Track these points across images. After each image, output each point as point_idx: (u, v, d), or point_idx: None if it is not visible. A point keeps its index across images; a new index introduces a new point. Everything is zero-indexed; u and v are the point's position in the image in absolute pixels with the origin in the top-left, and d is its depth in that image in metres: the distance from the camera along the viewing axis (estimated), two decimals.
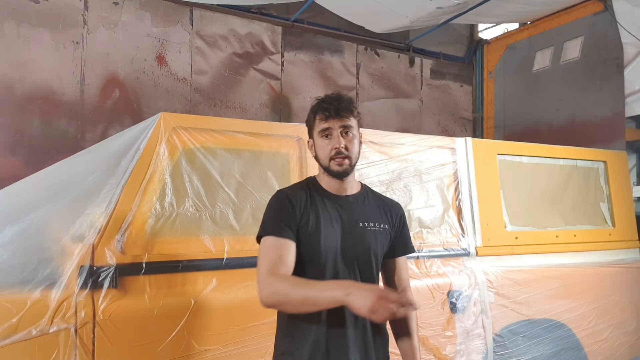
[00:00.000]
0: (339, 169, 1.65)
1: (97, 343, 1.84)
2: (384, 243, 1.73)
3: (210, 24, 4.99)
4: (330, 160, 1.66)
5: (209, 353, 2.02)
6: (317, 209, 1.67)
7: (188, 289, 2.06)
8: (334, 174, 1.68)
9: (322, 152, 1.68)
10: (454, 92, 6.58)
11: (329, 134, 1.67)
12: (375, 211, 1.75)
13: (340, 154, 1.64)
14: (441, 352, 2.59)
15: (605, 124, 4.94)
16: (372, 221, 1.71)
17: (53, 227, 1.97)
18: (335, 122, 1.65)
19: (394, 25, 5.26)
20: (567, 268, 3.11)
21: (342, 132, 1.66)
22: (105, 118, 4.43)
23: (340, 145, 1.64)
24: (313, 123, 1.71)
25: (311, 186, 1.74)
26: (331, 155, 1.65)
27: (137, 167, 2.06)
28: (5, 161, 4.00)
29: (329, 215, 1.67)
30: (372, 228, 1.70)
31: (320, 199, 1.70)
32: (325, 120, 1.66)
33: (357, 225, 1.68)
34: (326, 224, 1.65)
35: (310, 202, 1.69)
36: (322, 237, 1.63)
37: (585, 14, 5.24)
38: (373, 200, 1.78)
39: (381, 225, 1.73)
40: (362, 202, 1.75)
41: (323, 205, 1.68)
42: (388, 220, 1.76)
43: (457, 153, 2.93)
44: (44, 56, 4.20)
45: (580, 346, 3.08)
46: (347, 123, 1.66)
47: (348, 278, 1.63)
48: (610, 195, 3.53)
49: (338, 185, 1.71)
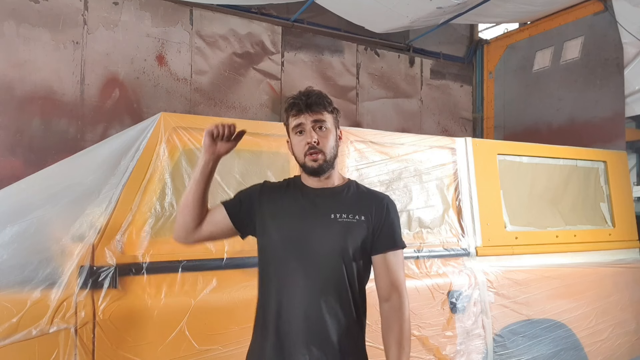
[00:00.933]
0: (314, 165, 1.61)
1: (97, 343, 1.85)
2: (357, 235, 1.61)
3: (210, 24, 4.99)
4: (305, 157, 1.62)
5: (209, 353, 2.03)
6: (286, 200, 1.67)
7: (188, 289, 2.06)
8: (309, 170, 1.63)
9: (297, 148, 1.65)
10: (454, 92, 6.58)
11: (302, 130, 1.63)
12: (352, 203, 1.66)
13: (313, 148, 1.60)
14: (441, 352, 2.59)
15: (605, 124, 4.93)
16: (345, 212, 1.62)
17: (53, 227, 1.97)
18: (306, 117, 1.61)
19: (394, 25, 5.26)
20: (567, 268, 3.11)
21: (314, 127, 1.61)
22: (105, 118, 4.42)
23: (312, 140, 1.59)
24: (287, 121, 1.68)
25: (292, 182, 1.74)
26: (305, 150, 1.61)
27: (137, 167, 2.06)
28: (5, 161, 4.00)
29: (297, 206, 1.65)
30: (344, 219, 1.61)
31: (295, 193, 1.68)
32: (296, 116, 1.63)
33: (328, 217, 1.61)
34: (291, 214, 1.63)
35: (285, 194, 1.68)
36: (278, 227, 1.62)
37: (585, 14, 5.24)
38: (354, 193, 1.70)
39: (356, 216, 1.63)
40: (339, 194, 1.68)
41: (295, 198, 1.67)
42: (367, 212, 1.65)
43: (457, 153, 2.93)
44: (44, 56, 4.20)
45: (580, 346, 3.07)
46: (319, 117, 1.61)
47: (308, 268, 1.57)
48: (610, 195, 3.53)
49: (317, 182, 1.67)
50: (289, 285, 1.58)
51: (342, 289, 1.59)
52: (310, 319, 1.55)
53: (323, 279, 1.58)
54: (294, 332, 1.56)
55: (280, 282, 1.60)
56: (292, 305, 1.57)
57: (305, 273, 1.58)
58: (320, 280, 1.58)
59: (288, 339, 1.55)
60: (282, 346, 1.55)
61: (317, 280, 1.58)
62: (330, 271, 1.59)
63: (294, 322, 1.56)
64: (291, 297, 1.57)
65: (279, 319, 1.57)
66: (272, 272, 1.62)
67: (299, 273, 1.58)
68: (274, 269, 1.61)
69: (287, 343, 1.55)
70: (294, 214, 1.64)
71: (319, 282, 1.58)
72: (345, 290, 1.60)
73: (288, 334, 1.56)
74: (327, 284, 1.58)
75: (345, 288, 1.60)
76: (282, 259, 1.60)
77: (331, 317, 1.56)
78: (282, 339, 1.56)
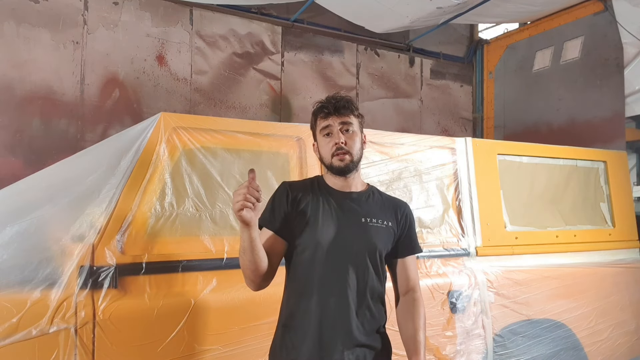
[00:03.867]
0: (341, 164, 1.68)
1: (97, 343, 1.84)
2: (386, 240, 1.73)
3: (210, 24, 4.99)
4: (332, 157, 1.69)
5: (209, 353, 2.02)
6: (317, 202, 1.70)
7: (188, 289, 2.06)
8: (335, 170, 1.70)
9: (324, 150, 1.72)
10: (454, 92, 6.58)
11: (329, 132, 1.71)
12: (379, 208, 1.76)
13: (341, 149, 1.67)
14: (441, 352, 2.59)
15: (605, 124, 4.93)
16: (375, 217, 1.72)
17: (53, 227, 1.97)
18: (334, 119, 1.69)
19: (394, 25, 5.26)
20: (567, 268, 3.11)
21: (341, 129, 1.70)
22: (105, 118, 4.42)
23: (340, 140, 1.67)
24: (315, 124, 1.76)
25: (316, 182, 1.78)
26: (332, 151, 1.68)
27: (137, 167, 2.06)
28: (5, 161, 4.00)
29: (330, 209, 1.69)
30: (374, 224, 1.70)
31: (323, 194, 1.72)
32: (325, 118, 1.71)
33: (360, 220, 1.69)
34: (325, 216, 1.67)
35: (312, 195, 1.71)
36: (318, 229, 1.65)
37: (585, 14, 5.24)
38: (378, 198, 1.80)
39: (384, 222, 1.73)
40: (367, 199, 1.76)
41: (325, 199, 1.71)
42: (393, 218, 1.77)
43: (457, 153, 2.93)
44: (44, 56, 4.20)
45: (580, 346, 3.07)
46: (347, 120, 1.70)
47: (342, 272, 1.63)
48: (610, 195, 3.53)
49: (342, 183, 1.74)
50: (328, 287, 1.62)
51: (376, 288, 1.69)
52: (350, 320, 1.61)
53: (361, 280, 1.65)
54: (335, 333, 1.60)
55: (320, 284, 1.63)
56: (330, 307, 1.61)
57: (342, 273, 1.63)
58: (358, 281, 1.65)
59: (329, 341, 1.60)
60: (322, 347, 1.59)
61: (355, 281, 1.64)
62: (364, 271, 1.66)
63: (334, 323, 1.60)
64: (330, 300, 1.61)
65: (319, 321, 1.60)
66: (310, 275, 1.64)
67: (336, 273, 1.63)
68: (311, 272, 1.64)
69: (328, 345, 1.59)
70: (328, 216, 1.67)
71: (357, 283, 1.64)
72: (379, 289, 1.71)
73: (329, 336, 1.60)
74: (363, 284, 1.65)
75: (379, 287, 1.71)
76: (319, 263, 1.63)
77: (368, 315, 1.65)
78: (323, 340, 1.60)
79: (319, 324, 1.61)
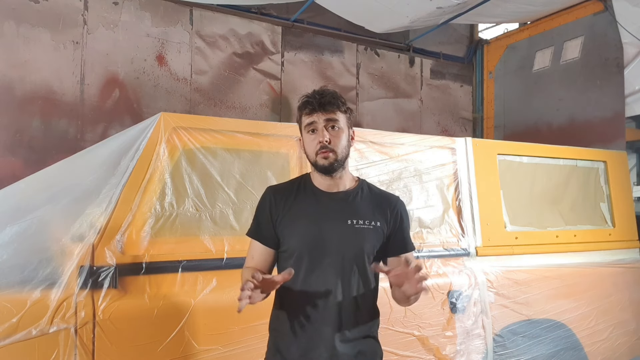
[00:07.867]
0: (325, 163, 1.61)
1: (97, 343, 1.84)
2: (374, 241, 1.66)
3: (210, 24, 4.99)
4: (317, 155, 1.62)
5: (209, 353, 2.03)
6: (301, 206, 1.66)
7: (188, 289, 2.06)
8: (320, 168, 1.64)
9: (309, 147, 1.65)
10: (454, 92, 6.58)
11: (314, 129, 1.63)
12: (367, 207, 1.69)
13: (325, 148, 1.60)
14: (441, 352, 2.59)
15: (605, 124, 4.93)
16: (362, 218, 1.65)
17: (53, 227, 1.97)
18: (319, 116, 1.62)
19: (394, 25, 5.26)
20: (567, 268, 3.11)
21: (326, 125, 1.62)
22: (105, 118, 4.42)
23: (324, 138, 1.60)
24: (300, 120, 1.69)
25: (302, 182, 1.73)
26: (317, 149, 1.62)
27: (137, 167, 2.06)
28: (5, 161, 4.00)
29: (314, 212, 1.65)
30: (361, 226, 1.64)
31: (308, 196, 1.68)
32: (309, 114, 1.63)
33: (345, 223, 1.64)
34: (308, 221, 1.64)
35: (295, 198, 1.68)
36: (301, 235, 1.63)
37: (585, 14, 5.24)
38: (367, 196, 1.72)
39: (372, 222, 1.66)
40: (354, 198, 1.69)
41: (309, 203, 1.67)
42: (382, 216, 1.69)
43: (457, 153, 2.93)
44: (43, 56, 4.19)
45: (580, 346, 3.07)
46: (332, 116, 1.62)
47: (326, 279, 1.61)
48: (610, 195, 3.53)
49: (329, 182, 1.68)
50: (310, 295, 1.61)
51: (363, 293, 1.65)
52: (333, 328, 1.60)
53: (346, 286, 1.62)
54: (320, 341, 1.60)
55: (302, 292, 1.62)
56: (312, 316, 1.60)
57: (326, 279, 1.61)
58: (343, 287, 1.62)
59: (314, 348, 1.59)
60: (307, 355, 1.60)
61: (340, 287, 1.62)
62: (352, 277, 1.63)
63: (318, 331, 1.60)
64: (312, 309, 1.60)
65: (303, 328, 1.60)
66: (293, 282, 1.61)
67: (321, 279, 1.61)
68: (295, 279, 1.60)
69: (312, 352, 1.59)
70: (311, 220, 1.64)
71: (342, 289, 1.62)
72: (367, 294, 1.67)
73: (313, 344, 1.60)
74: (349, 290, 1.63)
75: (367, 292, 1.66)
76: (302, 270, 1.62)
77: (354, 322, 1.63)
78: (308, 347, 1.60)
79: (303, 331, 1.60)
